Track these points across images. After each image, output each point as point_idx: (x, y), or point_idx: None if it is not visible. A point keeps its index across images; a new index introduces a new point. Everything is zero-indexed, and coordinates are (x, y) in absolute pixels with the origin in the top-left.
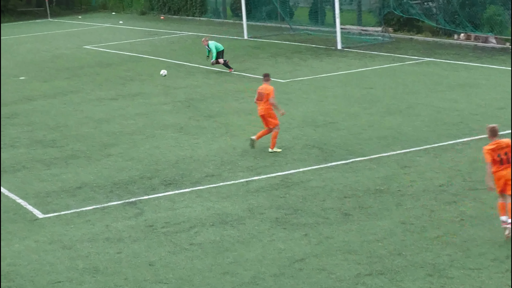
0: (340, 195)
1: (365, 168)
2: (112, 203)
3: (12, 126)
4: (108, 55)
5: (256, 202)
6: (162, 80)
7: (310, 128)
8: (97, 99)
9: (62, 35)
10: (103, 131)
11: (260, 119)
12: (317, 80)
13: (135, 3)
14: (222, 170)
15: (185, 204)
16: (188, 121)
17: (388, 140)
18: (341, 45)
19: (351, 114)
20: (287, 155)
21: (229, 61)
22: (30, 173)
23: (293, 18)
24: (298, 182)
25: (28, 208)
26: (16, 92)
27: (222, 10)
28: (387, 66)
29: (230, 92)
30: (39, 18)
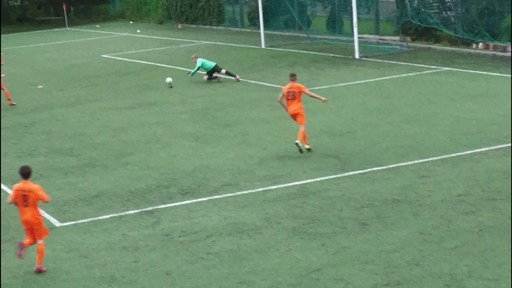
0: (358, 205)
1: (382, 177)
2: (129, 212)
3: (30, 134)
4: (125, 64)
5: (273, 211)
6: (180, 89)
7: (327, 137)
8: (115, 108)
9: (80, 44)
10: (120, 140)
11: (292, 118)
12: (334, 89)
13: (152, 12)
14: (239, 179)
15: (202, 213)
16: (205, 130)
17: (406, 149)
18: (359, 54)
19: (368, 124)
20: (304, 164)
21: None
22: (47, 181)
23: (311, 27)
24: (315, 192)
25: (45, 216)
26: (34, 101)
27: (239, 19)
28: (405, 76)
29: (247, 101)
30: (57, 27)
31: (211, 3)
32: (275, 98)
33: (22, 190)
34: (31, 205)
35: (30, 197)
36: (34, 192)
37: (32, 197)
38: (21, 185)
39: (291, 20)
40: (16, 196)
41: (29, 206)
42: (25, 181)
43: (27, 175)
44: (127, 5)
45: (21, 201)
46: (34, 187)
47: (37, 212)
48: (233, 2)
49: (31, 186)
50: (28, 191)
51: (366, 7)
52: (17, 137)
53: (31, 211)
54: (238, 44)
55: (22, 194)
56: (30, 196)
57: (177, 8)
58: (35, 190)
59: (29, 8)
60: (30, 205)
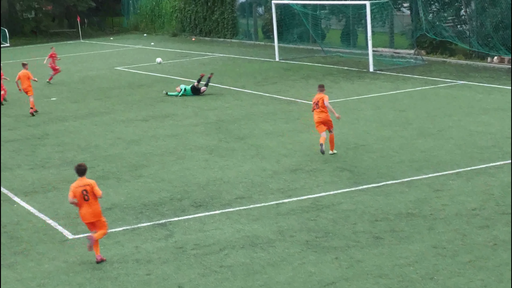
0: (372, 219)
1: (396, 191)
2: (142, 224)
3: (43, 146)
4: (139, 77)
5: (287, 224)
6: (193, 101)
7: (341, 150)
8: (128, 120)
9: (94, 56)
10: (133, 152)
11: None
12: (348, 102)
13: (166, 24)
14: (252, 192)
15: (215, 226)
16: (218, 142)
17: (420, 163)
18: (373, 68)
19: (382, 137)
20: (318, 178)
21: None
22: (60, 193)
23: (325, 40)
24: (329, 205)
25: (58, 228)
26: (48, 113)
27: (253, 32)
28: (419, 89)
29: (261, 114)
30: (71, 39)
31: (225, 16)
32: (289, 111)
33: (81, 186)
34: (91, 199)
35: (89, 191)
36: (91, 185)
37: (90, 191)
38: (78, 182)
39: (305, 33)
40: (75, 193)
41: (90, 200)
42: (81, 177)
43: (83, 172)
44: (141, 18)
45: (81, 197)
46: (91, 181)
47: (98, 206)
48: (247, 15)
49: (88, 181)
50: (86, 185)
51: (381, 20)
52: (30, 149)
53: (92, 205)
54: (252, 57)
55: (81, 189)
56: (89, 190)
57: (191, 20)
58: (92, 184)
59: (43, 20)
60: (90, 199)
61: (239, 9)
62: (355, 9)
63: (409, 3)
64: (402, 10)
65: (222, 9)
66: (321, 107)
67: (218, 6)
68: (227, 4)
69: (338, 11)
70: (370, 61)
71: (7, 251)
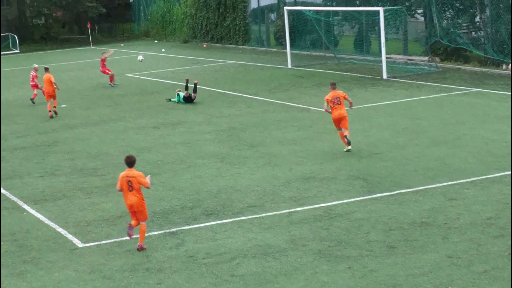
0: (385, 228)
1: (410, 200)
2: (153, 233)
3: (53, 154)
4: (150, 83)
5: (299, 233)
6: (205, 109)
7: (354, 158)
8: (139, 127)
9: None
10: (144, 160)
11: (336, 121)
12: (362, 110)
13: (177, 31)
14: (264, 201)
15: (227, 235)
16: (230, 150)
17: (435, 171)
18: (387, 75)
19: (396, 145)
20: (331, 186)
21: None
22: (70, 201)
23: (338, 47)
24: (342, 214)
25: (68, 237)
26: (57, 120)
27: (265, 39)
28: (433, 97)
29: (273, 121)
30: (82, 45)
31: (237, 22)
32: (301, 119)
33: (127, 176)
34: (135, 190)
35: (134, 182)
36: (137, 177)
37: (135, 182)
38: (126, 173)
39: (318, 39)
40: (122, 182)
41: (134, 191)
42: (130, 169)
43: (132, 163)
44: (152, 24)
45: (126, 186)
46: (137, 173)
47: (141, 196)
48: (259, 22)
49: (135, 173)
50: (132, 177)
51: (394, 26)
52: (40, 157)
53: (136, 196)
54: (264, 64)
55: (127, 180)
56: (133, 182)
57: (203, 27)
58: (138, 176)
59: (53, 26)
60: (134, 189)
61: (251, 15)
62: (368, 15)
63: (423, 10)
64: (416, 17)
65: (234, 15)
66: (341, 103)
67: (230, 12)
68: (239, 10)
69: (351, 18)
70: (383, 68)
71: (17, 259)
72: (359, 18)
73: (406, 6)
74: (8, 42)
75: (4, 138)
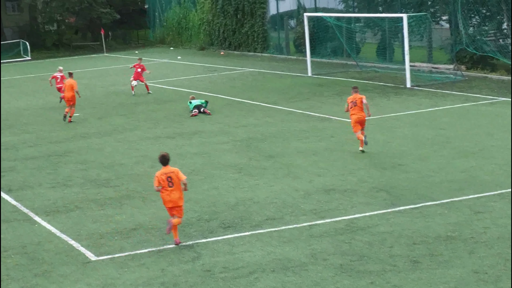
0: (409, 242)
1: (435, 213)
2: (168, 246)
3: (65, 164)
4: (165, 92)
5: (320, 247)
6: (222, 118)
7: (377, 170)
8: (154, 137)
9: (118, 71)
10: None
11: (355, 124)
12: (384, 120)
13: (194, 38)
14: (283, 213)
15: (245, 249)
16: (248, 161)
17: (460, 183)
18: (411, 83)
19: (420, 156)
20: (353, 198)
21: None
22: (83, 213)
23: (360, 54)
24: (364, 227)
25: (81, 250)
26: (70, 129)
27: (285, 46)
28: (459, 106)
29: (293, 131)
30: (95, 52)
31: (255, 29)
32: (322, 129)
33: (166, 173)
34: (175, 186)
35: (173, 177)
36: (175, 172)
37: (175, 177)
38: (163, 170)
39: (339, 47)
40: (160, 180)
41: (174, 186)
42: (165, 166)
43: (167, 161)
44: (168, 31)
45: (166, 183)
46: (174, 169)
47: (181, 192)
48: (279, 28)
49: (172, 169)
50: (170, 173)
51: (419, 33)
52: (52, 167)
53: (176, 191)
54: (284, 72)
55: (166, 176)
56: (173, 177)
57: (220, 34)
58: (176, 171)
59: (66, 33)
60: (174, 185)
61: (270, 21)
62: (391, 22)
63: (448, 16)
64: (441, 23)
65: (252, 21)
66: (360, 106)
67: (248, 18)
68: (257, 17)
69: (374, 24)
70: (407, 77)
71: (28, 273)
72: (382, 25)
73: (430, 13)
74: (19, 49)
75: (15, 147)
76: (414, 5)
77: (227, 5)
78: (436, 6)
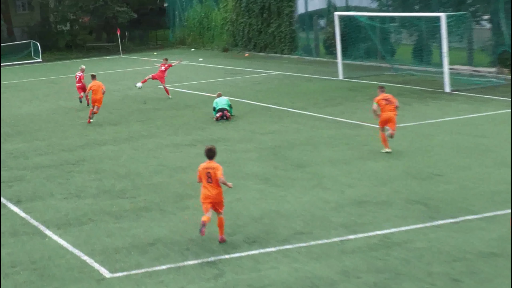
0: (448, 258)
1: (477, 227)
2: (189, 262)
3: (78, 173)
4: (186, 96)
5: (352, 264)
6: (246, 125)
7: (413, 181)
8: (173, 144)
9: (135, 73)
10: (179, 181)
11: (384, 121)
12: (422, 126)
13: (216, 38)
14: (313, 227)
15: (271, 265)
16: (274, 171)
17: (504, 196)
18: (450, 88)
19: (460, 166)
20: (388, 211)
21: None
22: (97, 226)
23: (395, 56)
24: (399, 243)
25: (94, 266)
26: (83, 136)
27: (314, 47)
28: (502, 112)
29: (323, 139)
30: (110, 54)
31: (282, 29)
32: (354, 136)
33: (207, 168)
34: (214, 182)
35: (213, 174)
36: (215, 169)
37: (213, 174)
38: (205, 165)
39: (372, 48)
40: (201, 174)
41: (213, 183)
42: (210, 161)
43: (212, 156)
44: (188, 31)
45: (205, 178)
46: (216, 165)
47: (220, 188)
48: (307, 28)
49: (214, 165)
50: (211, 168)
51: (458, 34)
52: (64, 176)
53: (215, 187)
54: (313, 75)
55: (206, 171)
56: (212, 173)
57: (244, 34)
58: (216, 168)
59: (79, 33)
60: (213, 181)
61: (298, 21)
62: (428, 22)
63: (489, 15)
64: (482, 23)
65: (279, 21)
66: (393, 104)
67: (274, 18)
68: (284, 16)
69: (410, 24)
70: (445, 81)
71: None
72: (418, 25)
73: (470, 12)
74: (30, 50)
75: (25, 155)
76: (453, 4)
77: (252, 4)
78: (476, 4)
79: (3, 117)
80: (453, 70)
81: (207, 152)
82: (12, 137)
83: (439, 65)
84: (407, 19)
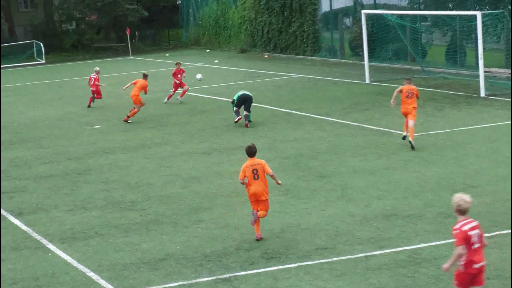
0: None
1: None
2: (202, 279)
3: (84, 184)
4: (201, 101)
5: (378, 282)
6: (266, 132)
7: (446, 192)
8: (187, 153)
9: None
10: (193, 192)
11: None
12: (455, 134)
13: (233, 38)
14: (336, 242)
15: (291, 283)
16: (296, 181)
17: None
18: (485, 92)
19: (497, 177)
20: (417, 225)
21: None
22: (104, 241)
23: (426, 58)
24: (430, 259)
25: (101, 283)
26: (90, 144)
27: (339, 49)
28: None
29: (348, 147)
30: (119, 55)
31: (304, 28)
32: (382, 144)
33: (252, 165)
34: (261, 178)
35: (259, 169)
36: (261, 165)
37: (260, 169)
38: (249, 162)
39: (401, 49)
40: (246, 172)
41: (259, 179)
42: (252, 158)
43: (254, 153)
44: (203, 30)
45: (251, 175)
46: (261, 161)
47: (266, 185)
48: (332, 28)
49: (259, 161)
50: (256, 165)
51: (495, 34)
52: (70, 187)
53: (261, 184)
54: (337, 78)
55: (252, 168)
56: (259, 169)
57: (264, 34)
58: (262, 163)
59: (86, 32)
60: (260, 178)
61: (322, 20)
62: (463, 21)
63: None
64: None
65: (301, 20)
66: (413, 98)
67: (296, 16)
68: (307, 15)
69: (443, 24)
70: (481, 84)
71: None
72: (451, 24)
73: (509, 10)
74: (33, 50)
75: (28, 164)
76: (490, 2)
77: (272, 1)
78: None
79: (4, 123)
80: (489, 73)
81: (248, 150)
82: (14, 144)
83: (474, 68)
84: (440, 17)
